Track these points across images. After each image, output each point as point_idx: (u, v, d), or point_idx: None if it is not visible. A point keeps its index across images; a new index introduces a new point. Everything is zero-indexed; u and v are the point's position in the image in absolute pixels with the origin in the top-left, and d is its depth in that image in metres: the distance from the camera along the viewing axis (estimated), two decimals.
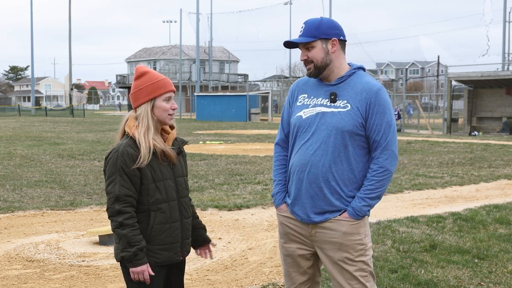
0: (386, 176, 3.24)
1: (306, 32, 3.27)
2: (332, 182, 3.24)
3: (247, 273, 5.69)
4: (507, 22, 47.52)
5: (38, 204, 9.26)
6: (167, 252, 3.16)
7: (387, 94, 3.30)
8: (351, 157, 3.24)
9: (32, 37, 65.76)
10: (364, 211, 3.25)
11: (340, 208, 3.26)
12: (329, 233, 3.28)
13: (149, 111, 3.14)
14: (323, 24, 3.27)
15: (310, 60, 3.28)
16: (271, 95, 51.88)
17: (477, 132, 31.06)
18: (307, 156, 3.27)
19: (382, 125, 3.22)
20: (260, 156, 16.81)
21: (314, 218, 3.29)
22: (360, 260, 3.28)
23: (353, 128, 3.20)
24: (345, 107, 3.23)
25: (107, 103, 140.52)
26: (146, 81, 3.18)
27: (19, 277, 5.61)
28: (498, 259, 6.10)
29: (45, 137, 24.96)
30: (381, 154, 3.23)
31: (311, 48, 3.26)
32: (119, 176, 3.05)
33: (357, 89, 3.25)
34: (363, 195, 3.23)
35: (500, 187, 11.52)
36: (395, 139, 3.27)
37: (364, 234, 3.31)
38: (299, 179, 3.30)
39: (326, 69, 3.28)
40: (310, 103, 3.34)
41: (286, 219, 3.43)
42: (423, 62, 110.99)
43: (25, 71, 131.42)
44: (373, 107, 3.21)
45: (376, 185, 3.23)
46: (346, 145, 3.22)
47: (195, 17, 57.57)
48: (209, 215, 8.48)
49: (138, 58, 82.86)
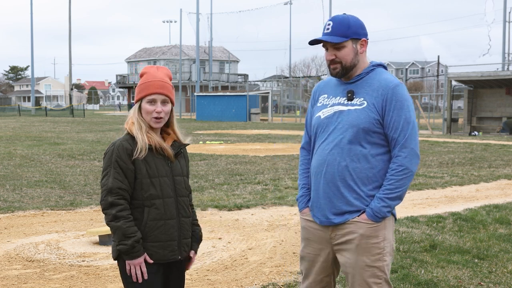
0: (406, 175, 3.12)
1: (336, 31, 3.14)
2: (349, 180, 3.15)
3: (247, 273, 5.69)
4: (507, 22, 47.51)
5: (38, 204, 9.26)
6: (162, 250, 3.16)
7: (406, 90, 3.19)
8: (368, 155, 3.14)
9: (32, 37, 65.78)
10: (384, 212, 3.13)
11: (359, 208, 3.16)
12: (347, 235, 3.19)
13: (137, 111, 3.20)
14: (353, 22, 3.16)
15: (338, 60, 3.17)
16: (271, 95, 51.88)
17: (477, 132, 31.06)
18: (323, 155, 3.20)
19: (399, 122, 3.11)
20: (260, 156, 16.81)
21: (333, 220, 3.21)
22: (376, 266, 3.16)
23: (369, 125, 3.12)
24: (361, 104, 3.16)
25: (107, 103, 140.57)
26: (140, 81, 3.25)
27: (19, 277, 5.61)
28: (498, 259, 6.10)
29: (45, 137, 24.96)
30: (399, 152, 3.12)
31: (342, 48, 3.15)
32: (113, 169, 3.09)
33: (374, 86, 3.17)
34: (382, 195, 3.13)
35: (500, 187, 11.52)
36: (415, 136, 3.15)
37: (383, 237, 3.17)
38: (317, 179, 3.24)
39: (353, 69, 3.20)
40: (328, 102, 3.28)
41: (308, 223, 3.35)
42: (423, 62, 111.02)
43: (25, 71, 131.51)
44: (389, 103, 3.12)
45: (396, 185, 3.11)
46: (363, 143, 3.13)
47: (195, 17, 57.61)
48: (209, 215, 8.48)
49: (138, 58, 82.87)
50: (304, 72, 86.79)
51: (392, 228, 3.24)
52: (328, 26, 3.17)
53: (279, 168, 13.91)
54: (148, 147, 3.13)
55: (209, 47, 63.29)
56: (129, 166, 3.09)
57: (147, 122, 3.19)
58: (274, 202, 9.41)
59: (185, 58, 74.35)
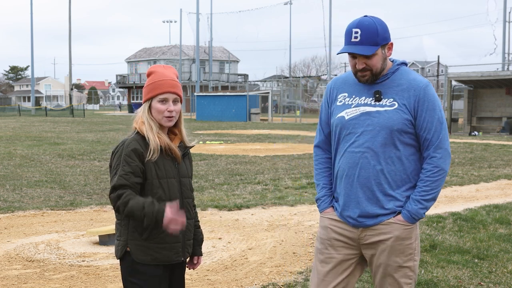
0: (442, 176, 3.10)
1: (366, 40, 3.03)
2: (385, 184, 3.10)
3: (247, 273, 5.69)
4: (507, 22, 47.52)
5: (38, 204, 9.26)
6: (167, 252, 3.15)
7: (434, 90, 3.14)
8: (402, 157, 3.10)
9: (32, 37, 65.76)
10: (421, 214, 3.10)
11: (394, 210, 3.12)
12: (380, 236, 3.14)
13: (146, 111, 3.17)
14: (380, 29, 3.06)
15: (369, 68, 3.08)
16: (271, 95, 51.86)
17: (477, 132, 31.07)
18: (355, 158, 3.12)
19: (433, 122, 3.08)
20: (260, 156, 16.81)
21: (366, 222, 3.15)
22: (407, 266, 3.15)
23: (402, 127, 3.07)
24: (392, 105, 3.09)
25: (107, 103, 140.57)
26: (149, 81, 3.21)
27: (19, 277, 5.61)
28: (498, 259, 6.10)
29: (45, 137, 24.95)
30: (434, 153, 3.10)
31: (372, 56, 3.06)
32: (122, 168, 3.07)
33: (403, 86, 3.11)
34: (418, 197, 3.09)
35: (500, 187, 11.52)
36: (447, 136, 3.15)
37: (415, 237, 3.17)
38: (349, 183, 3.15)
39: (381, 74, 3.12)
40: (352, 102, 3.17)
41: (333, 223, 3.26)
42: (423, 62, 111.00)
43: (25, 71, 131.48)
44: (422, 104, 3.07)
45: (432, 186, 3.08)
46: (396, 144, 3.09)
47: (195, 17, 57.63)
48: (209, 215, 8.47)
49: (138, 58, 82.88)
50: (304, 72, 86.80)
51: (418, 225, 3.24)
52: (356, 34, 3.04)
53: (279, 168, 13.91)
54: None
55: (209, 47, 63.31)
56: (138, 165, 3.07)
57: (157, 121, 3.16)
58: (274, 202, 9.41)
59: (185, 58, 74.35)
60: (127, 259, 3.15)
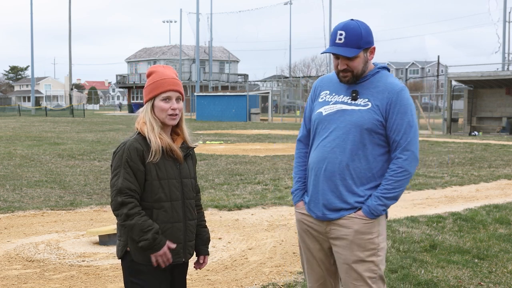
0: (405, 177, 3.21)
1: (350, 43, 3.17)
2: (348, 179, 3.22)
3: (247, 273, 5.69)
4: (507, 22, 47.51)
5: (38, 204, 9.26)
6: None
7: (409, 95, 3.26)
8: (369, 155, 3.22)
9: (32, 37, 65.76)
10: (380, 211, 3.23)
11: (354, 206, 3.25)
12: (342, 230, 3.27)
13: (149, 110, 3.17)
14: (364, 33, 3.19)
15: (350, 69, 3.22)
16: (271, 95, 51.88)
17: (477, 132, 31.07)
18: (324, 152, 3.26)
19: (403, 125, 3.19)
20: (260, 156, 16.81)
21: (329, 215, 3.29)
22: (371, 260, 3.25)
23: (372, 126, 3.19)
24: (366, 105, 3.22)
25: (107, 103, 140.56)
26: (150, 80, 3.21)
27: (19, 277, 5.61)
28: (498, 259, 6.10)
29: (45, 137, 24.95)
30: (400, 154, 3.21)
31: (354, 58, 3.20)
32: (124, 169, 3.06)
33: (379, 88, 3.23)
34: (379, 194, 3.22)
35: (500, 187, 11.52)
36: (416, 140, 3.24)
37: (377, 233, 3.27)
38: (316, 175, 3.30)
39: (362, 75, 3.26)
40: (331, 100, 3.33)
41: (303, 217, 3.43)
42: (423, 62, 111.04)
43: (25, 71, 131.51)
44: (394, 107, 3.19)
45: (394, 185, 3.21)
46: (365, 143, 3.21)
47: (195, 17, 57.63)
48: (209, 215, 8.47)
49: (138, 58, 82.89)
50: (304, 72, 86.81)
51: (385, 225, 3.35)
52: (340, 36, 3.18)
53: (279, 168, 13.91)
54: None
55: (209, 47, 63.31)
56: (139, 167, 3.07)
57: (161, 120, 3.16)
58: (274, 202, 9.41)
59: (185, 58, 74.35)
60: (128, 259, 3.15)
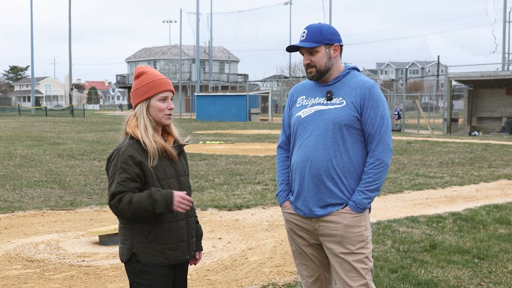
0: (383, 168, 3.38)
1: (310, 38, 3.41)
2: (333, 174, 3.36)
3: (247, 273, 5.69)
4: (507, 22, 47.51)
5: (38, 204, 9.26)
6: (173, 252, 3.17)
7: (380, 90, 3.45)
8: (350, 150, 3.38)
9: (32, 37, 65.76)
10: (365, 204, 3.37)
11: (342, 201, 3.38)
12: (331, 226, 3.39)
13: (144, 111, 3.17)
14: (325, 30, 3.42)
15: (313, 64, 3.43)
16: (271, 95, 51.87)
17: (477, 132, 31.06)
18: (307, 152, 3.40)
19: (376, 118, 3.37)
20: (260, 156, 16.81)
21: (316, 212, 3.41)
22: (361, 253, 3.39)
23: (349, 122, 3.36)
24: (341, 103, 3.40)
25: (107, 103, 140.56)
26: (142, 81, 3.21)
27: (19, 277, 5.61)
28: (498, 259, 6.10)
29: (45, 137, 24.95)
30: (376, 147, 3.38)
31: (315, 53, 3.41)
32: (118, 175, 3.08)
33: (351, 87, 3.42)
34: (362, 188, 3.37)
35: (500, 187, 11.52)
36: (389, 131, 3.42)
37: (365, 227, 3.42)
38: (301, 174, 3.42)
39: (327, 72, 3.44)
40: (308, 103, 3.50)
41: (291, 216, 3.55)
42: (423, 62, 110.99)
43: (25, 71, 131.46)
44: (367, 102, 3.37)
45: (374, 177, 3.36)
46: (344, 138, 3.37)
47: (195, 17, 57.59)
48: (209, 215, 8.48)
49: (138, 58, 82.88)
50: (304, 72, 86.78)
51: (369, 218, 3.50)
52: (303, 34, 3.45)
53: None
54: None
55: (209, 47, 63.29)
56: (135, 171, 3.08)
57: (157, 120, 3.18)
58: (274, 202, 9.41)
59: (185, 58, 74.34)
60: (132, 261, 3.16)
